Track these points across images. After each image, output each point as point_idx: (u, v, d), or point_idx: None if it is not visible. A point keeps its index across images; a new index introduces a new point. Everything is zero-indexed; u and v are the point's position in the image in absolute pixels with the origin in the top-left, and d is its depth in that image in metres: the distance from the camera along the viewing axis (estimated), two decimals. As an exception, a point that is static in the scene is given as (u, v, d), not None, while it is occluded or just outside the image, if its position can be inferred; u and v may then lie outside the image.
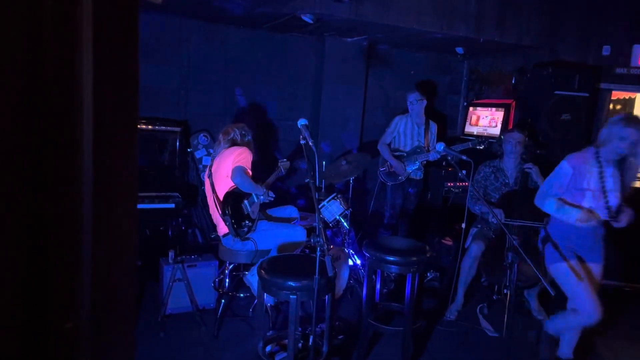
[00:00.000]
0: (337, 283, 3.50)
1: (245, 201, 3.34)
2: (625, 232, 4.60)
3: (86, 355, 0.66)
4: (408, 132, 4.52)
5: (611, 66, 4.58)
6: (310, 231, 3.67)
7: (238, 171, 3.21)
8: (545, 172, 4.08)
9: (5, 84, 0.56)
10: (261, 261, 2.72)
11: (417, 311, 3.17)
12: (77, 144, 0.61)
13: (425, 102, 4.48)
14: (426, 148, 4.51)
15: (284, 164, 3.59)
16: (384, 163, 4.53)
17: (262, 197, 3.34)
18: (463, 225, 3.57)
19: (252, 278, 3.34)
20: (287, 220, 3.76)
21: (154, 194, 4.06)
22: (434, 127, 4.66)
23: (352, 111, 5.31)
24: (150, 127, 4.27)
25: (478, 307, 3.85)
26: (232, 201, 3.28)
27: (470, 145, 4.36)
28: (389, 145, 4.53)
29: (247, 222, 3.33)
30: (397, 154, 4.51)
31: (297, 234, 3.44)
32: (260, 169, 3.70)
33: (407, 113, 4.57)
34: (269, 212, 3.75)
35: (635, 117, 2.69)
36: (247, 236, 3.30)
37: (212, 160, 3.56)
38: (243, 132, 3.53)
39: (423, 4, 4.24)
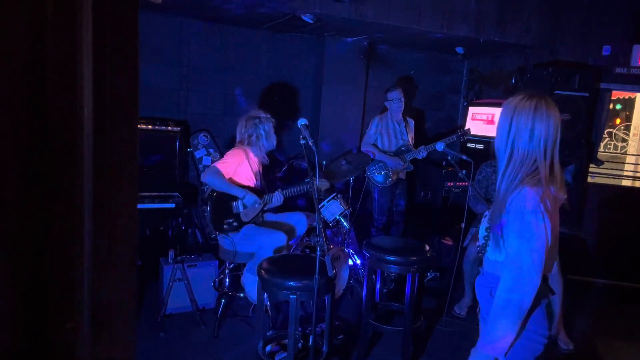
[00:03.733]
0: (337, 283, 3.50)
1: (239, 202, 3.35)
2: (623, 231, 4.63)
3: (86, 355, 0.66)
4: (391, 132, 4.52)
5: (611, 66, 4.58)
6: (310, 231, 3.67)
7: (208, 170, 3.30)
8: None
9: (6, 84, 0.56)
10: (261, 261, 2.72)
11: (417, 311, 3.17)
12: (77, 144, 0.61)
13: (403, 100, 4.50)
14: (412, 145, 4.53)
15: (323, 184, 3.63)
16: (373, 165, 4.48)
17: (251, 202, 3.35)
18: (463, 225, 3.57)
19: (244, 280, 3.36)
20: (290, 230, 3.65)
21: (154, 194, 4.06)
22: (412, 123, 4.69)
23: (352, 111, 5.31)
24: (150, 127, 4.27)
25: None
26: (218, 196, 3.32)
27: (455, 138, 4.37)
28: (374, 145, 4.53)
29: (231, 220, 3.34)
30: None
31: (277, 239, 3.31)
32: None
33: (384, 113, 4.58)
34: (277, 216, 3.72)
35: None
36: (227, 234, 3.32)
37: None
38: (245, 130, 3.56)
39: (423, 4, 4.23)
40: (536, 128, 1.62)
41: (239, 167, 3.39)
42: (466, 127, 5.11)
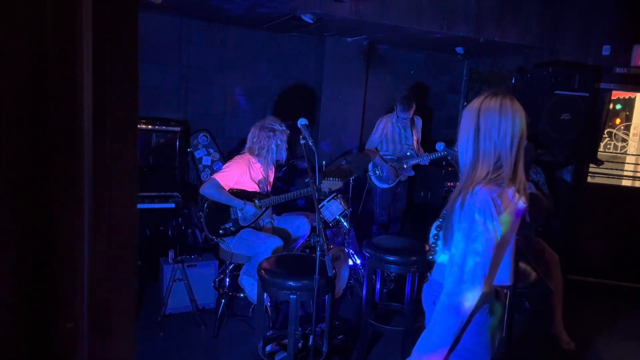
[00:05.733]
0: (337, 283, 3.49)
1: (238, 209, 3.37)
2: (623, 231, 4.62)
3: (86, 355, 0.66)
4: (396, 137, 4.56)
5: (611, 66, 4.58)
6: (311, 231, 3.67)
7: (207, 183, 3.29)
8: (546, 174, 4.08)
9: (6, 84, 0.56)
10: (261, 261, 2.72)
11: (417, 311, 3.17)
12: (76, 144, 0.61)
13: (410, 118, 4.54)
14: (417, 151, 4.54)
15: (335, 184, 3.45)
16: (375, 167, 4.57)
17: (250, 213, 3.35)
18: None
19: (242, 282, 3.35)
20: (289, 235, 3.61)
21: (154, 194, 4.06)
22: (418, 122, 4.70)
23: (352, 111, 5.31)
24: (150, 127, 4.27)
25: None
26: (215, 202, 3.32)
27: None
28: (376, 149, 4.59)
29: (229, 225, 3.35)
30: (387, 158, 4.55)
31: (273, 244, 3.26)
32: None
33: (391, 113, 4.60)
34: (278, 219, 3.70)
35: None
36: (223, 238, 3.34)
37: None
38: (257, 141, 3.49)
39: (423, 4, 4.23)
40: (502, 125, 1.51)
41: (241, 177, 3.39)
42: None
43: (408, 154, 4.52)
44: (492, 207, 1.43)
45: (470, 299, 1.42)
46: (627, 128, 6.94)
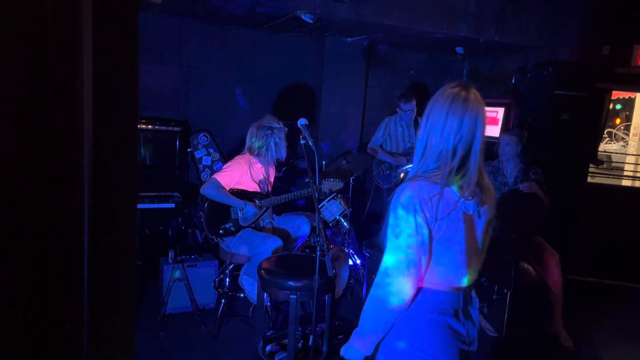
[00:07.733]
0: (337, 283, 3.49)
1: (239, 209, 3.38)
2: (623, 231, 4.63)
3: (86, 355, 0.66)
4: (399, 136, 4.56)
5: (611, 66, 4.58)
6: (311, 231, 3.67)
7: (208, 182, 3.29)
8: (546, 174, 4.08)
9: (8, 86, 0.56)
10: (261, 261, 2.72)
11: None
12: (77, 145, 0.61)
13: (415, 110, 4.53)
14: None
15: (335, 185, 3.44)
16: (379, 165, 4.58)
17: (251, 213, 3.35)
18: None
19: (242, 282, 3.35)
20: (289, 235, 3.60)
21: (154, 194, 4.06)
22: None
23: (352, 111, 5.31)
24: (150, 127, 4.27)
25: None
26: (215, 202, 3.32)
27: None
28: (381, 147, 4.60)
29: (229, 225, 3.35)
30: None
31: (273, 244, 3.24)
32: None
33: (395, 114, 4.60)
34: (278, 219, 3.70)
35: None
36: (223, 238, 3.35)
37: None
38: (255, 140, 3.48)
39: (423, 4, 4.23)
40: (447, 124, 1.40)
41: (242, 177, 3.39)
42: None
43: (411, 151, 4.52)
44: (418, 203, 1.37)
45: (396, 293, 1.38)
46: (627, 128, 6.94)
